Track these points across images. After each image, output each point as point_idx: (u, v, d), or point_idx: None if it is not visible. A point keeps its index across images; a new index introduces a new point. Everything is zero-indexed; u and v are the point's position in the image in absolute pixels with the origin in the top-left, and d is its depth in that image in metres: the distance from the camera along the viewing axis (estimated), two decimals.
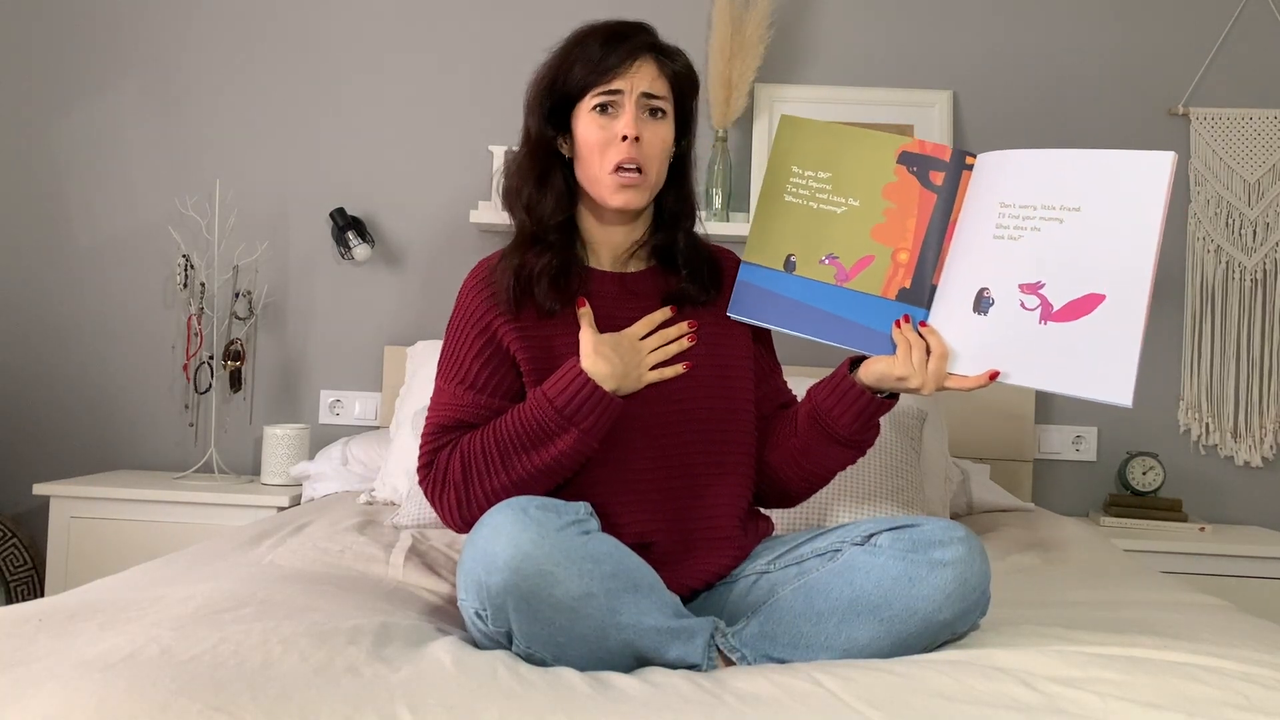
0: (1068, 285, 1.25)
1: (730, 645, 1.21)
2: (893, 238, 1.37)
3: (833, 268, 1.39)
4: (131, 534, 2.39)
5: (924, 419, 2.20)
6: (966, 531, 1.20)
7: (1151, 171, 1.22)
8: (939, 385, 1.31)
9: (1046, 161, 1.29)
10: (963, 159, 1.36)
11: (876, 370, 1.33)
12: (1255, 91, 2.69)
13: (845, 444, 1.39)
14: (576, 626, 1.11)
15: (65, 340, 2.77)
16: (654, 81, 1.35)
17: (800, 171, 1.41)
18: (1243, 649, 1.16)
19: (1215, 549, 2.34)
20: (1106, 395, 1.21)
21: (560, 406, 1.27)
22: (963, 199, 1.35)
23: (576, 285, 1.37)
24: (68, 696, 0.89)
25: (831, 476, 1.45)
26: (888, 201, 1.38)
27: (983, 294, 1.29)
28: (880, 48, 2.75)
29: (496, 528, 1.11)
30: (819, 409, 1.38)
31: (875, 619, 1.17)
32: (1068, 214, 1.26)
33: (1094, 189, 1.25)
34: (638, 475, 1.34)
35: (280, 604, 1.23)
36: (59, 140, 2.78)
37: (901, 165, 1.38)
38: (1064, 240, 1.25)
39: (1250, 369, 2.66)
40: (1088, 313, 1.23)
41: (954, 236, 1.34)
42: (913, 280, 1.36)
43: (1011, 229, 1.28)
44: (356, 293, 2.76)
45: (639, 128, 1.34)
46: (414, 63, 2.78)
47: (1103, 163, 1.25)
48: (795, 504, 1.50)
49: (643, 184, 1.35)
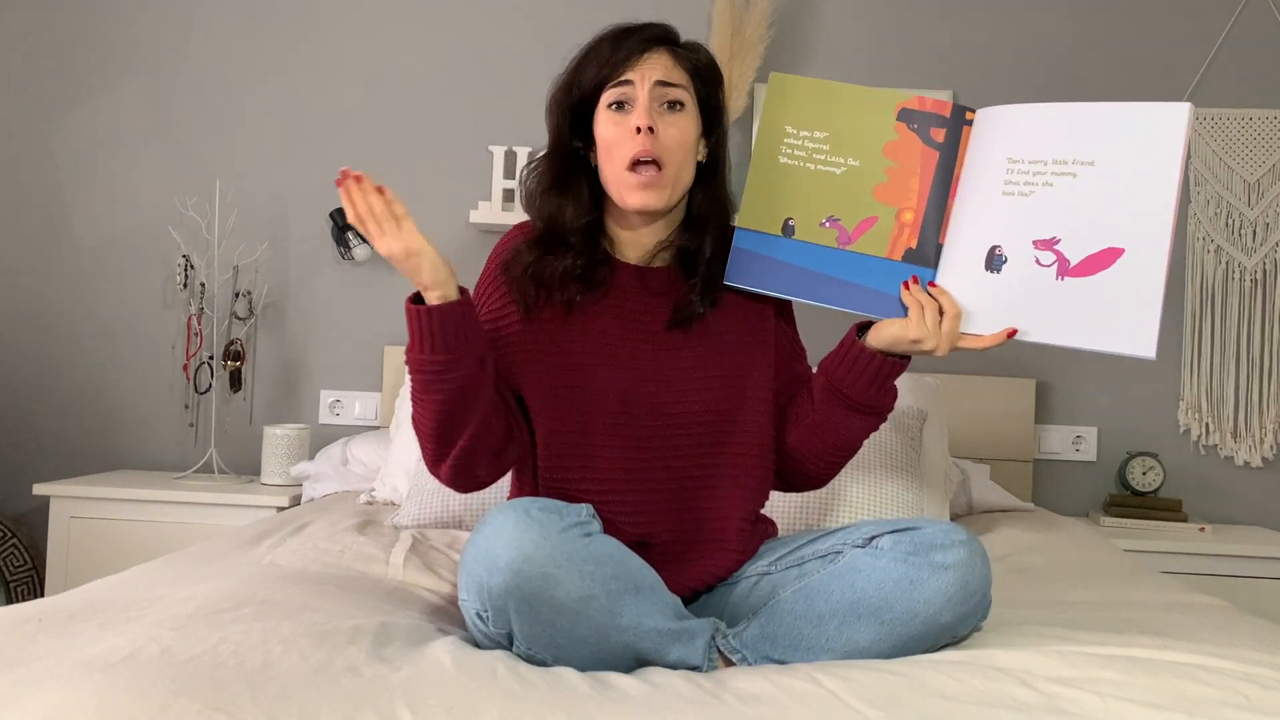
0: (1085, 240, 1.23)
1: (731, 646, 1.20)
2: (896, 197, 1.34)
3: (834, 230, 1.35)
4: (131, 534, 2.39)
5: (924, 419, 2.20)
6: (968, 534, 1.20)
7: (1168, 121, 1.20)
8: (953, 346, 1.28)
9: (1055, 116, 1.27)
10: (963, 114, 1.33)
11: (888, 334, 1.31)
12: (1255, 91, 2.69)
13: (864, 411, 1.36)
14: (577, 628, 1.11)
15: (65, 340, 2.77)
16: (669, 71, 1.31)
17: (795, 132, 1.37)
18: (1243, 649, 1.16)
19: (1215, 549, 2.34)
20: (1129, 348, 1.21)
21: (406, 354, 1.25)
22: (964, 155, 1.32)
23: (602, 276, 1.34)
24: (68, 696, 0.89)
25: (854, 448, 1.41)
26: (889, 160, 1.34)
27: (994, 251, 1.27)
28: (880, 47, 2.75)
29: (498, 529, 1.10)
30: (833, 379, 1.35)
31: (876, 621, 1.17)
32: (1081, 168, 1.24)
33: (1108, 142, 1.23)
34: (637, 478, 1.33)
35: (280, 604, 1.23)
36: (59, 140, 2.78)
37: (901, 122, 1.34)
38: (1079, 194, 1.24)
39: (1250, 369, 2.66)
40: (1107, 266, 1.22)
41: (958, 194, 1.32)
42: (918, 240, 1.33)
43: (1022, 185, 1.26)
44: (356, 293, 2.76)
45: (653, 119, 1.29)
46: (414, 63, 2.78)
47: (1116, 115, 1.24)
48: (818, 485, 1.47)
49: (661, 182, 1.30)
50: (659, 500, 1.33)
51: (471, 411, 1.24)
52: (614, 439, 1.32)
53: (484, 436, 1.27)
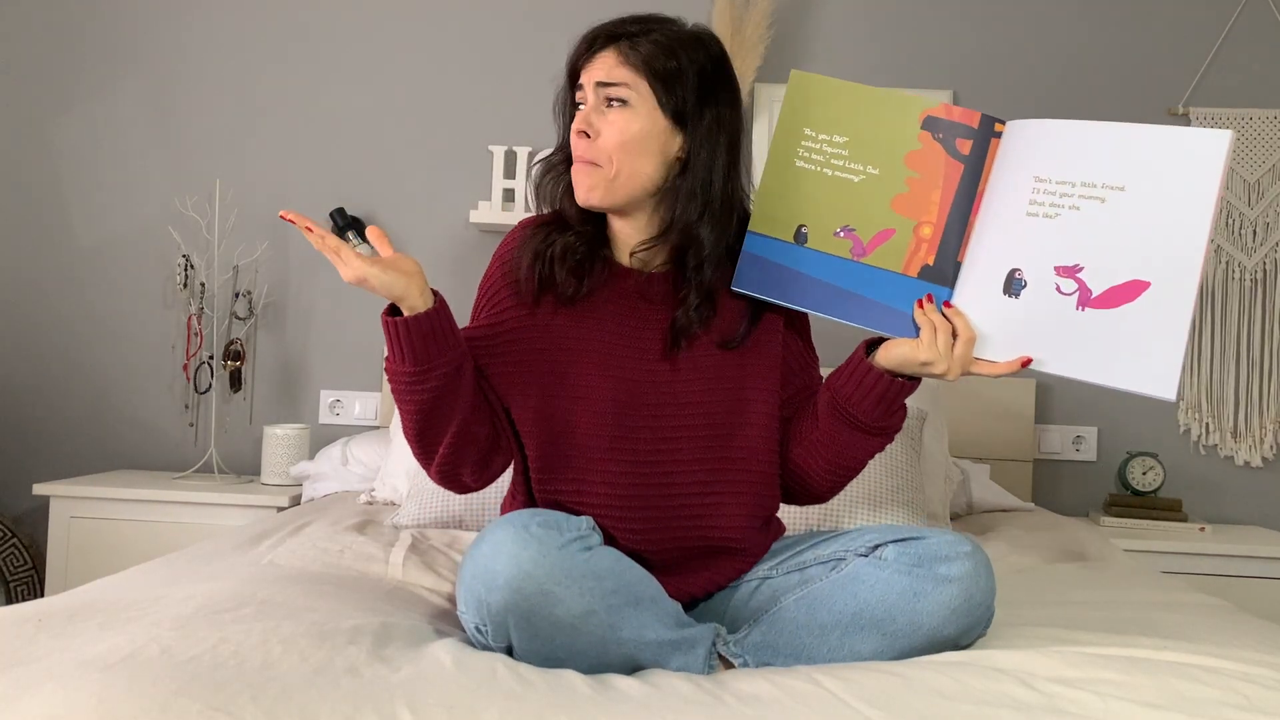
0: (1109, 270, 1.17)
1: (732, 652, 1.20)
2: (915, 210, 1.27)
3: (849, 241, 1.28)
4: (131, 534, 2.39)
5: (924, 419, 2.20)
6: (973, 546, 1.18)
7: (1206, 151, 1.13)
8: (965, 371, 1.23)
9: (1087, 135, 1.19)
10: (991, 125, 1.25)
11: (898, 354, 1.25)
12: (1255, 91, 2.69)
13: (869, 431, 1.31)
14: (577, 643, 1.10)
15: (65, 340, 2.77)
16: (611, 70, 1.25)
17: (814, 135, 1.30)
18: (1243, 649, 1.16)
19: (1215, 549, 2.34)
20: (1148, 388, 1.15)
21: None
22: (990, 170, 1.25)
23: (600, 271, 1.31)
24: (68, 696, 0.89)
25: (859, 467, 1.36)
26: (911, 170, 1.27)
27: (1014, 275, 1.21)
28: (880, 47, 2.75)
29: (498, 544, 1.09)
30: (838, 396, 1.30)
31: (878, 633, 1.16)
32: (1110, 193, 1.17)
33: (1141, 168, 1.16)
34: (633, 491, 1.28)
35: (280, 604, 1.23)
36: (59, 140, 2.78)
37: (926, 131, 1.27)
38: (1106, 221, 1.17)
39: (1250, 369, 2.66)
40: (1131, 300, 1.16)
41: (981, 211, 1.25)
42: (936, 257, 1.26)
43: (1047, 206, 1.20)
44: (356, 293, 2.76)
45: (589, 122, 1.25)
46: (414, 63, 2.78)
47: (1152, 140, 1.16)
48: (822, 500, 1.42)
49: (596, 178, 1.26)
50: (657, 514, 1.29)
51: (448, 418, 1.24)
52: (609, 452, 1.28)
53: (465, 444, 1.27)
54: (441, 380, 1.21)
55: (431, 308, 1.20)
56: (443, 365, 1.21)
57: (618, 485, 1.28)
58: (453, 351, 1.22)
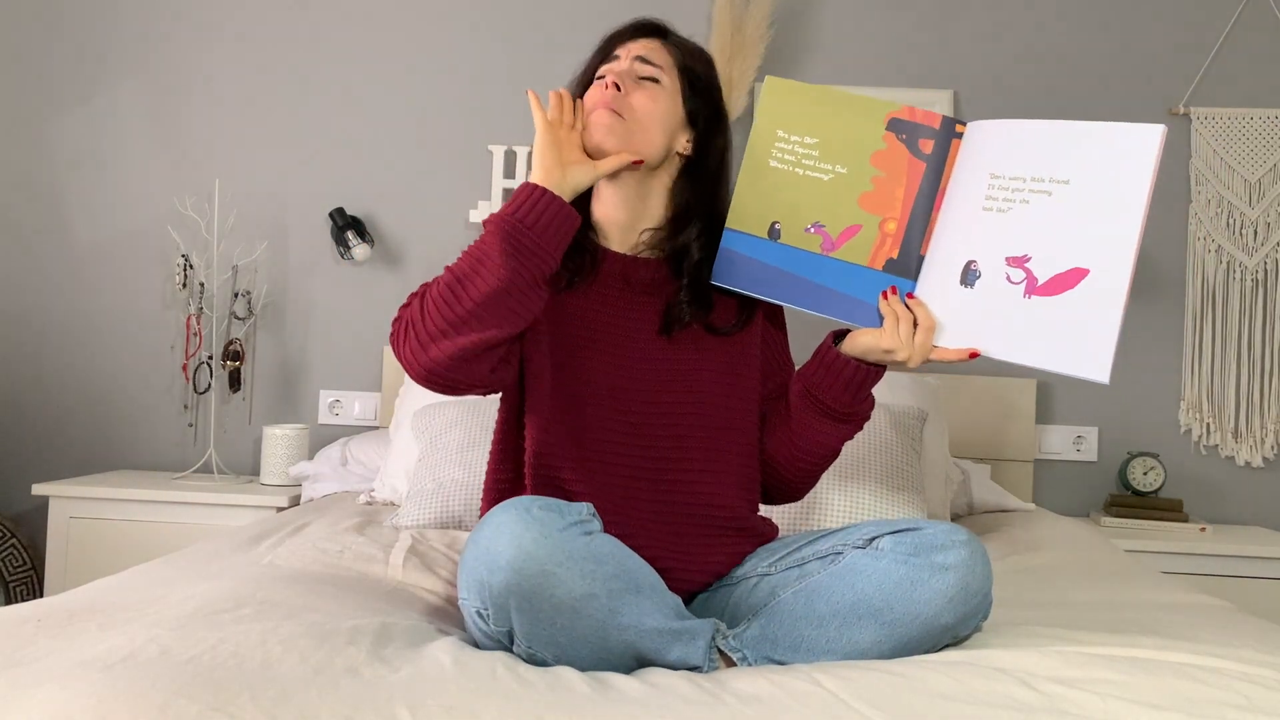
0: (1054, 259, 1.23)
1: (731, 647, 1.20)
2: (881, 207, 1.35)
3: (818, 236, 1.36)
4: (131, 534, 2.39)
5: (924, 419, 2.20)
6: (969, 535, 1.20)
7: (1140, 144, 1.20)
8: (925, 358, 1.30)
9: (1038, 132, 1.26)
10: (952, 127, 1.34)
11: (863, 343, 1.33)
12: (1255, 91, 2.69)
13: (838, 418, 1.38)
14: (577, 626, 1.10)
15: (65, 340, 2.77)
16: (654, 52, 1.36)
17: (786, 136, 1.38)
18: (1243, 649, 1.16)
19: (1215, 549, 2.34)
20: (1085, 371, 1.21)
21: (497, 215, 1.22)
22: (952, 168, 1.33)
23: (589, 253, 1.36)
24: (67, 696, 0.88)
25: (829, 456, 1.43)
26: (876, 169, 1.35)
27: (970, 266, 1.28)
28: (880, 47, 2.75)
29: (499, 527, 1.10)
30: (809, 384, 1.37)
31: (877, 623, 1.17)
32: (1056, 186, 1.24)
33: (1083, 162, 1.23)
34: (623, 483, 1.33)
35: (280, 604, 1.23)
36: (59, 140, 2.78)
37: (891, 132, 1.35)
38: (1051, 213, 1.24)
39: (1251, 369, 2.66)
40: (1071, 287, 1.22)
41: (942, 207, 1.33)
42: (900, 250, 1.34)
43: (1001, 201, 1.27)
44: (356, 293, 2.76)
45: (624, 80, 1.34)
46: (414, 63, 2.78)
47: (1092, 135, 1.23)
48: (798, 495, 1.49)
49: (616, 123, 1.31)
50: (657, 491, 1.34)
51: (499, 319, 1.20)
52: (604, 435, 1.33)
53: (474, 360, 1.22)
54: (542, 268, 1.22)
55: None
56: (551, 261, 1.22)
57: (614, 464, 1.33)
58: (555, 263, 1.24)
